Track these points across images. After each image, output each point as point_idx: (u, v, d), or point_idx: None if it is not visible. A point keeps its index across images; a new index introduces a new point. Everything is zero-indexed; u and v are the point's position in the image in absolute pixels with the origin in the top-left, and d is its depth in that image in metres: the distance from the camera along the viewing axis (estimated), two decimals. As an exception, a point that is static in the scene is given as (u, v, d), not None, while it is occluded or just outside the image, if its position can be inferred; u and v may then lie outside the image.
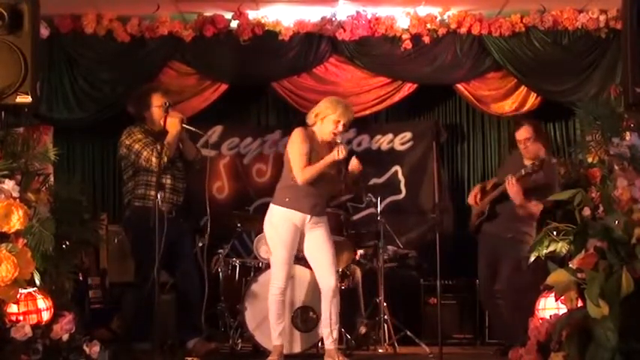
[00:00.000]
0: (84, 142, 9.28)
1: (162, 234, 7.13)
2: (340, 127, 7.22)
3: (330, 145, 7.23)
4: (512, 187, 7.60)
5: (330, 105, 7.27)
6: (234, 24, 9.00)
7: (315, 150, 7.25)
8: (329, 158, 7.13)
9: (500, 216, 7.83)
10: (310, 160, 7.17)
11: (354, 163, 7.35)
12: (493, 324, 8.43)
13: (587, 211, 5.87)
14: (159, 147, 7.23)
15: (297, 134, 7.30)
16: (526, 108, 9.21)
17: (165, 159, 7.31)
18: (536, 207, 7.50)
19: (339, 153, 7.05)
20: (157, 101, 7.55)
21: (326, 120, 7.25)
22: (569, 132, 9.57)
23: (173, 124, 7.40)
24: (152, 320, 7.03)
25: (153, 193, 7.30)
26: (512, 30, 9.11)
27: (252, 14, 8.98)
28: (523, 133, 7.90)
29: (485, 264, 8.06)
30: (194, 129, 7.80)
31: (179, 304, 7.80)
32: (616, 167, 5.72)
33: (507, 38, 9.13)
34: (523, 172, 7.60)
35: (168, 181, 7.50)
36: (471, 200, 8.13)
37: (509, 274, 7.59)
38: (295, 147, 7.26)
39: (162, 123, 7.39)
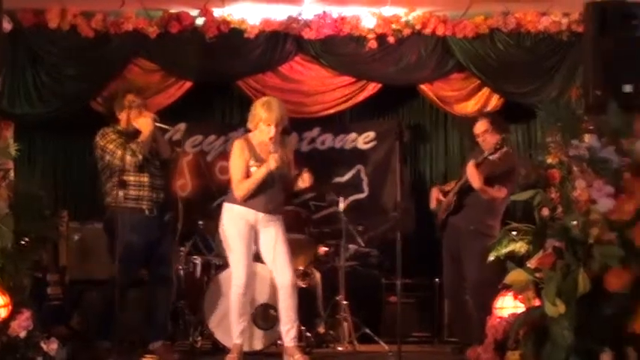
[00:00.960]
0: (46, 137, 9.21)
1: (145, 233, 7.38)
2: (272, 131, 7.26)
3: (275, 148, 7.31)
4: (470, 169, 7.65)
5: (257, 110, 7.34)
6: (199, 21, 8.97)
7: (258, 156, 7.34)
8: (261, 172, 7.24)
9: (465, 208, 7.87)
10: (257, 166, 7.27)
11: (304, 179, 7.43)
12: (455, 320, 8.44)
13: (546, 212, 5.96)
14: (133, 146, 7.30)
15: (235, 147, 7.44)
16: (488, 109, 9.23)
17: (140, 157, 7.36)
18: (498, 191, 7.61)
19: (270, 163, 7.15)
20: (126, 101, 7.56)
21: (260, 125, 7.33)
22: (530, 133, 9.64)
23: (146, 124, 7.44)
24: (114, 319, 7.09)
25: (132, 192, 7.41)
26: (476, 32, 9.15)
27: (218, 12, 8.96)
28: (480, 127, 8.00)
29: (450, 258, 8.10)
30: (165, 126, 7.86)
31: (148, 304, 7.76)
32: (575, 169, 5.78)
33: (471, 40, 9.17)
34: (485, 154, 7.63)
35: (146, 179, 7.50)
36: (433, 204, 8.17)
37: (472, 268, 7.63)
38: (232, 161, 7.43)
39: (135, 123, 7.44)
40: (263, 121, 7.30)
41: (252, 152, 7.36)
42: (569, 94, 8.56)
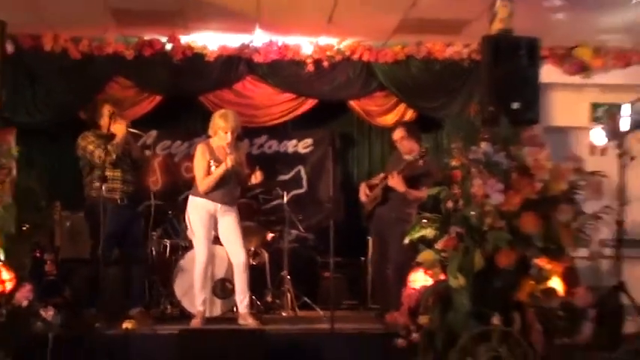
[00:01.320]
0: (42, 141, 9.12)
1: (116, 219, 7.37)
2: (229, 138, 7.39)
3: (231, 151, 7.41)
4: (393, 180, 7.72)
5: (216, 120, 7.48)
6: (168, 46, 8.93)
7: (217, 158, 7.43)
8: (219, 170, 7.36)
9: (389, 200, 7.91)
10: (216, 166, 7.38)
11: (257, 176, 7.54)
12: (378, 291, 8.49)
13: (450, 204, 6.05)
14: (109, 147, 7.37)
15: (198, 150, 7.56)
16: (405, 120, 9.23)
17: (114, 156, 7.45)
18: (423, 192, 7.61)
19: (227, 163, 7.30)
20: (107, 111, 7.63)
21: (218, 132, 7.45)
22: (438, 141, 9.64)
23: (120, 129, 7.52)
24: (99, 290, 7.14)
25: (107, 185, 7.41)
26: (395, 58, 9.20)
27: (184, 39, 8.94)
28: (397, 134, 8.10)
29: (377, 241, 8.21)
30: (137, 132, 7.89)
31: (125, 278, 7.79)
32: (473, 170, 5.88)
33: (390, 65, 9.21)
34: (410, 158, 7.74)
35: (119, 174, 7.56)
36: (362, 197, 8.23)
37: (394, 249, 7.66)
38: (196, 162, 7.55)
39: (111, 128, 7.48)
40: (221, 129, 7.40)
41: (212, 155, 7.44)
42: (469, 110, 8.67)
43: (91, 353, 6.54)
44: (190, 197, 7.60)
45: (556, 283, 5.96)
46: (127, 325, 6.97)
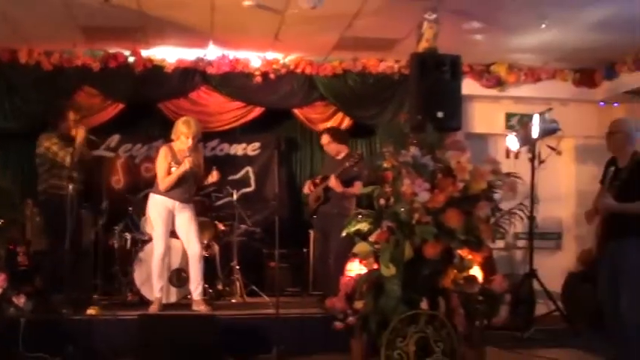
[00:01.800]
0: (17, 145, 8.87)
1: (73, 214, 7.13)
2: (190, 142, 7.33)
3: (190, 154, 7.34)
4: (332, 182, 7.77)
5: (180, 126, 7.41)
6: (131, 59, 8.83)
7: (177, 160, 7.37)
8: (179, 171, 7.31)
9: (330, 199, 7.93)
10: (176, 167, 7.32)
11: (214, 175, 7.52)
12: (320, 279, 8.46)
13: (382, 201, 6.02)
14: (69, 149, 7.29)
15: (161, 152, 7.50)
16: (342, 127, 9.25)
17: (76, 158, 7.32)
18: (356, 188, 7.73)
19: (185, 164, 7.27)
20: (70, 116, 7.51)
21: (181, 137, 7.38)
22: (372, 145, 9.68)
23: (80, 133, 7.41)
24: (64, 278, 6.98)
25: (64, 183, 7.27)
26: (334, 72, 9.22)
27: (145, 52, 8.84)
28: (324, 140, 8.20)
29: (320, 235, 8.19)
30: (94, 138, 7.82)
31: (80, 267, 7.61)
32: (403, 171, 5.83)
33: (330, 77, 9.22)
34: (346, 165, 7.76)
35: (75, 174, 7.37)
36: (306, 190, 8.25)
37: (335, 241, 7.65)
38: (158, 162, 7.48)
39: (72, 132, 7.40)
40: (184, 135, 7.35)
41: (174, 157, 7.38)
42: (400, 118, 8.74)
43: (58, 336, 6.42)
44: (151, 195, 7.51)
45: (476, 272, 5.98)
46: (91, 311, 6.86)
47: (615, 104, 9.55)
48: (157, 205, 7.39)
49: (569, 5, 7.21)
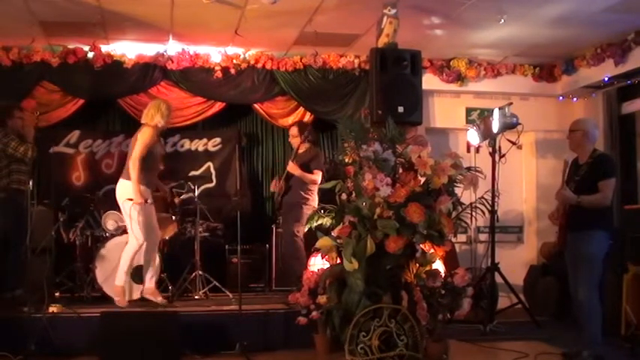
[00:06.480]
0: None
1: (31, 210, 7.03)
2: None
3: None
4: (290, 166, 7.88)
5: (165, 110, 7.38)
6: (90, 54, 8.73)
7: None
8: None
9: (292, 188, 7.95)
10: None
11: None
12: (284, 273, 8.47)
13: (344, 196, 6.10)
14: (29, 145, 7.15)
15: (149, 132, 7.18)
16: (304, 121, 9.22)
17: (35, 153, 7.21)
18: (315, 174, 7.86)
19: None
20: (18, 114, 7.41)
21: (163, 120, 7.33)
22: (333, 140, 9.68)
23: (30, 131, 7.27)
24: (23, 274, 6.92)
25: (24, 178, 7.18)
26: (294, 67, 9.21)
27: (104, 47, 8.75)
28: (292, 131, 8.32)
29: (285, 227, 8.18)
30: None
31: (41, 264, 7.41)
32: (364, 166, 5.91)
33: (291, 72, 9.21)
34: (294, 151, 7.97)
35: (26, 169, 7.23)
36: (272, 187, 8.23)
37: (293, 233, 7.77)
38: (143, 142, 7.11)
39: (20, 129, 7.31)
40: (166, 118, 7.39)
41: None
42: (360, 113, 8.79)
43: (20, 334, 6.31)
44: (126, 182, 7.11)
45: (439, 265, 6.09)
46: (52, 308, 6.76)
47: (574, 99, 9.67)
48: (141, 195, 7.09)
49: (528, 1, 7.28)
